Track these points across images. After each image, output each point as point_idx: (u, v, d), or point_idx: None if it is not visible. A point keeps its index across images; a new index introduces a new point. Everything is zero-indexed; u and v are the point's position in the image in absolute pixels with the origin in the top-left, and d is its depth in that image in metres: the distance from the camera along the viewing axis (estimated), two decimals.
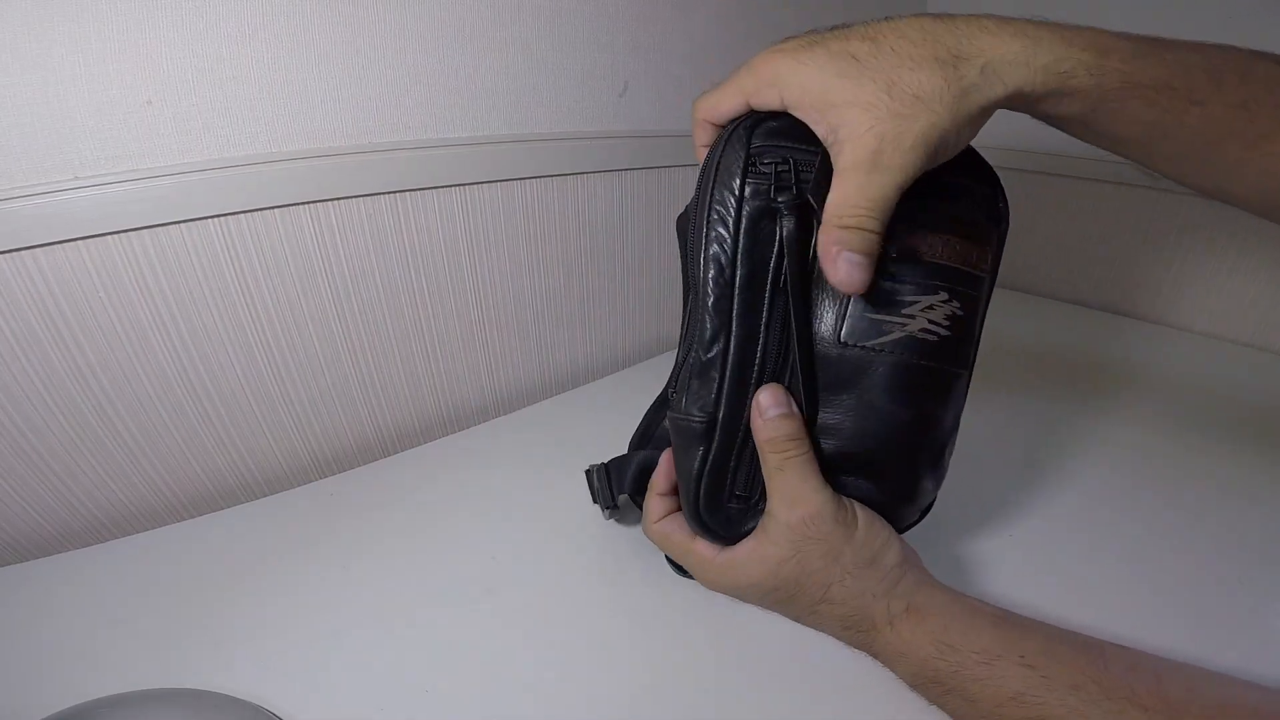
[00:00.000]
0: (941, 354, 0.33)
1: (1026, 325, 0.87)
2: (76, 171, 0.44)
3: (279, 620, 0.41)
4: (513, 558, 0.47)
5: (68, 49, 0.42)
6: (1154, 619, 0.40)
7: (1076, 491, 0.53)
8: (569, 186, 0.69)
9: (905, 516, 0.38)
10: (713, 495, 0.36)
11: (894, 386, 0.33)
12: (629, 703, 0.36)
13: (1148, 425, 0.62)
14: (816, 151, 0.31)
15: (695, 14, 0.71)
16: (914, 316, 0.32)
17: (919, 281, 0.32)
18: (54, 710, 0.33)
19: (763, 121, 0.33)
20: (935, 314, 0.32)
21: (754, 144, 0.32)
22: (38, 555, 0.47)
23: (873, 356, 0.32)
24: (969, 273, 0.33)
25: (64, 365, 0.47)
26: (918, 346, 0.32)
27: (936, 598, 0.34)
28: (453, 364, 0.68)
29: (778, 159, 0.32)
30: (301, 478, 0.59)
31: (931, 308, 0.32)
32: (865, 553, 0.34)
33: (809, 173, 0.31)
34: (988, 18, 0.28)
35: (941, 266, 0.32)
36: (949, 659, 0.31)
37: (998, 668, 0.30)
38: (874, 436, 0.34)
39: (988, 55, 0.27)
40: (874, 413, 0.33)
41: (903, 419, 0.33)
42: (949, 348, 0.33)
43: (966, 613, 0.33)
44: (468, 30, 0.57)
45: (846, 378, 0.33)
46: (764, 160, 0.32)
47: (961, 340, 0.34)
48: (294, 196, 0.52)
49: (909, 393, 0.33)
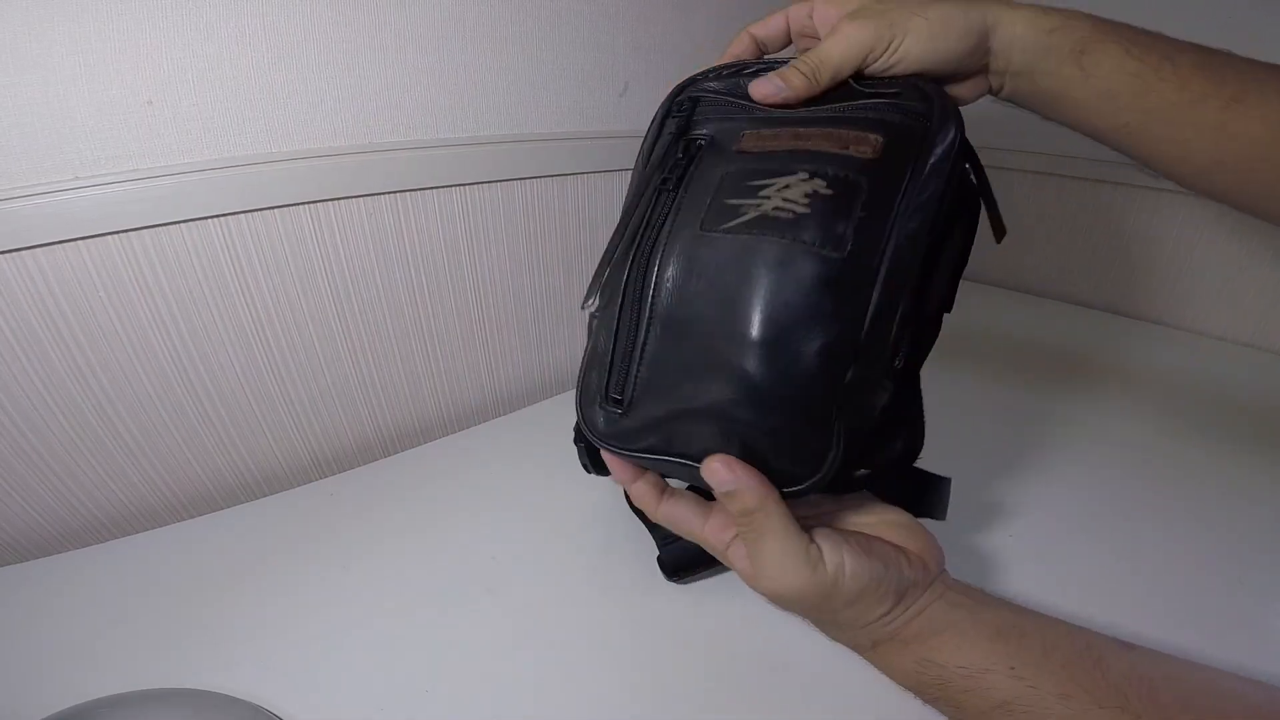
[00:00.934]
0: (796, 229, 0.30)
1: (1027, 325, 0.87)
2: (76, 171, 0.44)
3: (279, 620, 0.41)
4: (513, 558, 0.47)
5: (68, 49, 0.42)
6: (1154, 618, 0.40)
7: (1076, 491, 0.53)
8: (569, 186, 0.69)
9: (817, 454, 0.30)
10: (594, 386, 0.35)
11: (741, 264, 0.30)
12: (628, 702, 0.36)
13: (1148, 425, 0.62)
14: (734, 101, 0.36)
15: (695, 14, 0.71)
16: (769, 197, 0.31)
17: (777, 166, 0.32)
18: (54, 710, 0.33)
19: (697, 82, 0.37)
20: (791, 192, 0.30)
21: (678, 96, 0.37)
22: (38, 555, 0.47)
23: (727, 238, 0.31)
24: (841, 155, 0.31)
25: (64, 365, 0.47)
26: (769, 224, 0.30)
27: (936, 620, 0.33)
28: (453, 364, 0.68)
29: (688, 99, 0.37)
30: (301, 478, 0.59)
31: (788, 186, 0.31)
32: (848, 614, 0.33)
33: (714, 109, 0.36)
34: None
35: (803, 151, 0.32)
36: (932, 673, 0.32)
37: (984, 680, 0.30)
38: (728, 331, 0.30)
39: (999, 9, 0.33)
40: (722, 301, 0.30)
41: (749, 300, 0.30)
42: (806, 224, 0.30)
43: (964, 629, 0.32)
44: (468, 30, 0.57)
45: (703, 262, 0.32)
46: (679, 104, 0.37)
47: (826, 216, 0.30)
48: (294, 196, 0.52)
49: (755, 270, 0.30)
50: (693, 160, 0.34)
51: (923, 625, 0.33)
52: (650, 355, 0.33)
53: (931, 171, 0.30)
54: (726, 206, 0.31)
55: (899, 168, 0.30)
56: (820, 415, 0.29)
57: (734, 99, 0.36)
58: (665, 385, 0.33)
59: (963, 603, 0.34)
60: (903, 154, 0.31)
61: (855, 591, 0.31)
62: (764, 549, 0.31)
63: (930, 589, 0.34)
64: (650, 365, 0.33)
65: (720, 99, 0.36)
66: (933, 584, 0.35)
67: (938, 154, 0.31)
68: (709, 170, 0.34)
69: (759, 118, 0.34)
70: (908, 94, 0.32)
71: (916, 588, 0.33)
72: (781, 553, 0.31)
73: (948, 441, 0.43)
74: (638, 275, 0.33)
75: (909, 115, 0.31)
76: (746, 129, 0.34)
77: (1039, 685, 0.29)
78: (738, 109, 0.35)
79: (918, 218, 0.30)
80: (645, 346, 0.33)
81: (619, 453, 0.35)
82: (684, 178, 0.34)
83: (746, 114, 0.35)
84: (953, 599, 0.34)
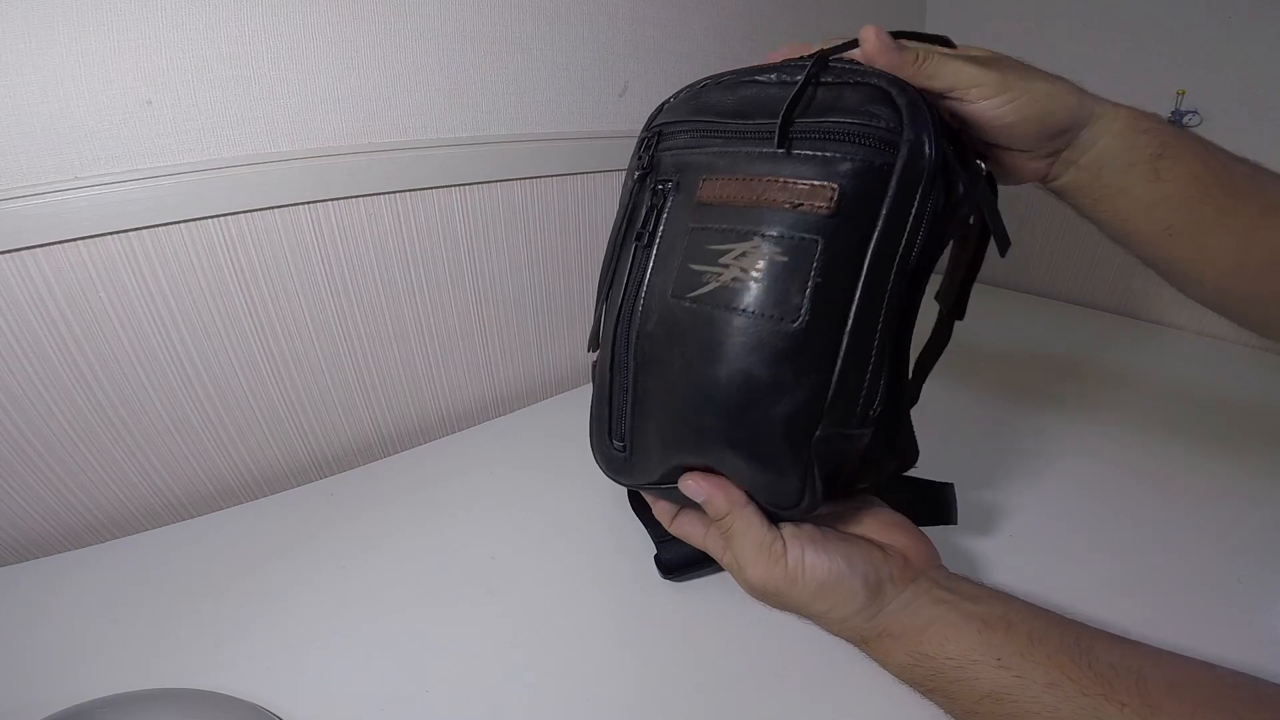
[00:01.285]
0: (752, 301, 0.30)
1: (1028, 326, 0.87)
2: (76, 171, 0.44)
3: (279, 620, 0.41)
4: (513, 558, 0.47)
5: (68, 49, 0.42)
6: (1154, 618, 0.40)
7: (1076, 491, 0.53)
8: (569, 186, 0.69)
9: (785, 492, 0.33)
10: (599, 430, 0.38)
11: (707, 336, 0.31)
12: (628, 702, 0.36)
13: (1149, 425, 0.62)
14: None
15: (695, 14, 0.71)
16: (727, 265, 0.31)
17: (734, 228, 0.31)
18: (54, 710, 0.33)
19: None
20: (746, 261, 0.30)
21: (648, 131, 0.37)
22: (38, 555, 0.47)
23: (694, 309, 0.31)
24: (794, 214, 0.30)
25: (64, 365, 0.47)
26: (729, 295, 0.30)
27: (921, 614, 0.34)
28: (453, 364, 0.68)
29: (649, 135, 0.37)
30: (301, 478, 0.59)
31: (744, 255, 0.30)
32: (818, 606, 0.35)
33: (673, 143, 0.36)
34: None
35: (758, 206, 0.31)
36: (925, 666, 0.33)
37: (971, 670, 0.31)
38: (696, 398, 0.32)
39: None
40: (693, 370, 0.31)
41: (718, 371, 0.30)
42: (762, 296, 0.30)
43: (951, 622, 0.33)
44: (467, 30, 0.57)
45: (677, 331, 0.32)
46: (647, 141, 0.37)
47: (781, 286, 0.30)
48: (294, 196, 0.52)
49: (720, 344, 0.30)
50: (660, 212, 0.35)
51: (909, 619, 0.34)
52: (641, 409, 0.35)
53: (898, 209, 0.29)
54: (692, 273, 0.32)
55: (862, 218, 0.29)
56: (792, 470, 0.31)
57: (696, 119, 0.35)
58: (655, 437, 0.35)
59: (948, 597, 0.35)
60: (864, 199, 0.29)
61: (815, 584, 0.34)
62: (736, 545, 0.35)
63: (915, 584, 0.35)
64: (642, 418, 0.35)
65: (683, 125, 0.36)
66: (918, 579, 0.36)
67: (906, 184, 0.29)
68: (675, 224, 0.34)
69: (715, 152, 0.33)
70: (875, 101, 0.30)
71: (894, 583, 0.35)
72: (752, 547, 0.34)
73: (947, 442, 0.43)
74: (624, 330, 0.35)
75: (875, 140, 0.29)
76: (705, 173, 0.33)
77: (1025, 675, 0.30)
78: (699, 132, 0.35)
79: (885, 264, 0.29)
80: (636, 402, 0.35)
81: (628, 486, 0.38)
82: (655, 231, 0.35)
83: (702, 137, 0.34)
84: (938, 594, 0.35)
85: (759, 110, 0.32)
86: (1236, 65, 0.75)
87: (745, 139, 0.32)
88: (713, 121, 0.34)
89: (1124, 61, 0.84)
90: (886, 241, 0.29)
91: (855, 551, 0.35)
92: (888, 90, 0.29)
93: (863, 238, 0.29)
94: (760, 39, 0.79)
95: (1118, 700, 0.28)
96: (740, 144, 0.32)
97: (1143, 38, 0.82)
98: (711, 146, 0.33)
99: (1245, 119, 0.76)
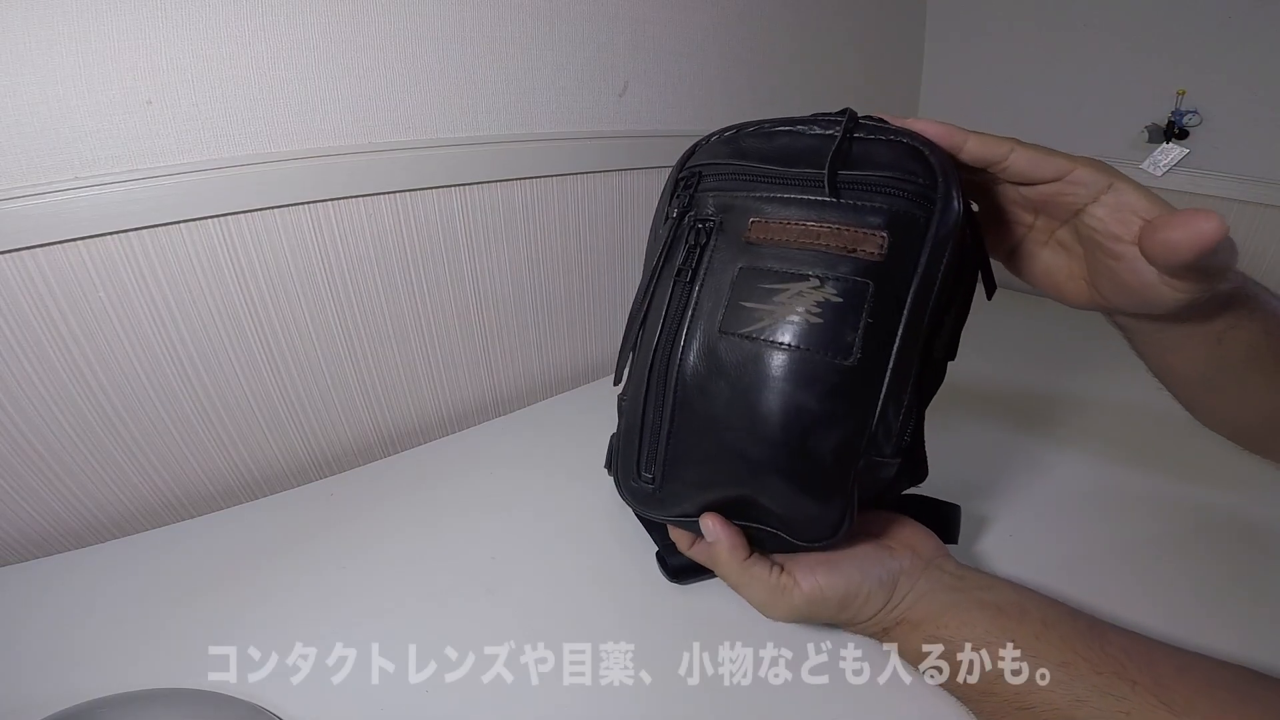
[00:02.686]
0: (808, 338, 0.31)
1: (1026, 325, 0.87)
2: (76, 171, 0.44)
3: (279, 620, 0.41)
4: (513, 558, 0.47)
5: (68, 49, 0.42)
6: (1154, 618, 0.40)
7: (1076, 490, 0.53)
8: (569, 186, 0.69)
9: (816, 522, 0.34)
10: (626, 465, 0.38)
11: (760, 371, 0.32)
12: (628, 702, 0.36)
13: (1150, 425, 0.62)
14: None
15: (695, 14, 0.71)
16: (782, 304, 0.32)
17: (788, 268, 0.32)
18: (54, 710, 0.33)
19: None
20: (803, 301, 0.32)
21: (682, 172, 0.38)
22: (38, 555, 0.47)
23: (745, 344, 0.32)
24: (848, 257, 0.32)
25: (64, 365, 0.47)
26: (783, 332, 0.32)
27: (937, 600, 0.36)
28: (453, 364, 0.68)
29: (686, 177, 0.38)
30: (301, 478, 0.59)
31: (800, 294, 0.32)
32: (846, 615, 0.37)
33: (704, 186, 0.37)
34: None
35: (812, 250, 0.32)
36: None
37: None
38: (746, 428, 0.33)
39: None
40: (742, 402, 0.33)
41: (770, 405, 0.32)
42: (818, 333, 0.31)
43: (966, 608, 0.35)
44: (468, 30, 0.57)
45: (724, 365, 0.33)
46: (684, 180, 0.38)
47: (836, 325, 0.31)
48: (294, 196, 0.52)
49: (773, 378, 0.32)
50: (704, 250, 0.35)
51: (926, 608, 0.36)
52: (676, 442, 0.36)
53: (933, 259, 0.31)
54: (743, 310, 0.33)
55: (904, 264, 0.32)
56: (837, 500, 0.33)
57: (736, 163, 0.36)
58: (691, 470, 0.36)
59: (960, 585, 0.36)
60: (907, 247, 0.31)
61: (837, 599, 0.36)
62: (747, 595, 0.38)
63: (926, 573, 0.37)
64: (676, 451, 0.36)
65: (723, 168, 0.37)
66: (928, 568, 0.37)
67: (942, 236, 0.31)
68: (722, 263, 0.35)
69: (761, 196, 0.35)
70: (909, 158, 0.32)
71: (908, 575, 0.37)
72: (763, 592, 0.37)
73: (947, 443, 0.43)
74: (661, 364, 0.36)
75: (913, 195, 0.32)
76: (753, 215, 0.34)
77: (1039, 654, 0.31)
78: (741, 176, 0.36)
79: (922, 307, 0.32)
80: (671, 435, 0.36)
81: (655, 519, 0.40)
82: (698, 268, 0.35)
83: (745, 181, 0.35)
84: (950, 582, 0.37)
85: (798, 159, 0.34)
86: (1236, 65, 0.75)
87: (790, 185, 0.34)
88: (756, 166, 0.35)
89: (1124, 61, 0.84)
90: (923, 286, 0.31)
91: (865, 558, 0.37)
92: (920, 149, 0.32)
93: (904, 282, 0.32)
94: (760, 39, 0.79)
95: (1129, 679, 0.29)
96: (787, 189, 0.34)
97: (1143, 38, 0.82)
98: (757, 190, 0.35)
99: (1245, 119, 0.76)
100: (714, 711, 0.36)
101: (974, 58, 1.00)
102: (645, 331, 0.37)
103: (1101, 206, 0.31)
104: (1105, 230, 0.31)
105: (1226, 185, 0.81)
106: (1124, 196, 0.31)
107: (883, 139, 0.33)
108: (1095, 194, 0.31)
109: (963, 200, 0.32)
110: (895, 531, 0.40)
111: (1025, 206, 0.36)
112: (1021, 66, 0.96)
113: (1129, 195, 0.31)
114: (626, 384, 0.40)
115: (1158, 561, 0.46)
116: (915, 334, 0.32)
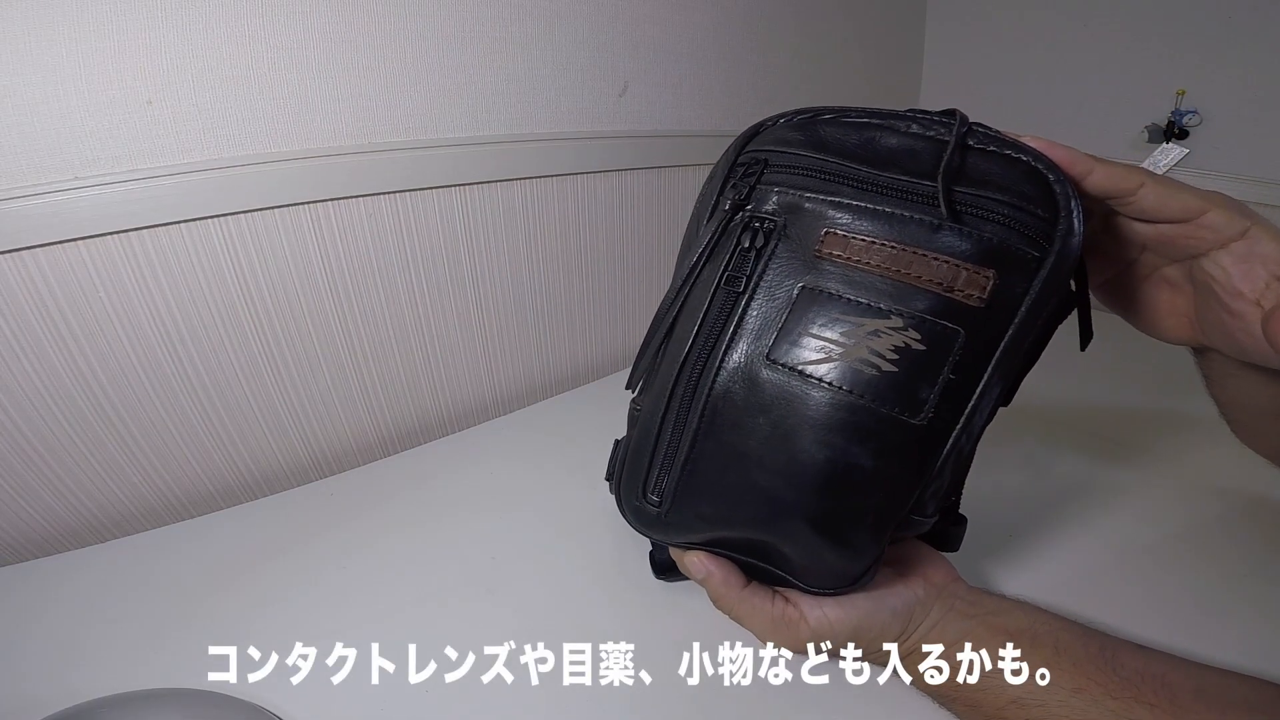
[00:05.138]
0: (876, 389, 0.27)
1: None
2: (76, 171, 0.44)
3: (279, 620, 0.41)
4: (513, 558, 0.47)
5: (68, 49, 0.42)
6: (1154, 617, 0.40)
7: (1076, 488, 0.53)
8: (569, 186, 0.69)
9: (832, 570, 0.31)
10: (631, 481, 0.34)
11: (811, 416, 0.28)
12: (628, 702, 0.36)
13: (1150, 424, 0.62)
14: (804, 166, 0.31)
15: (695, 14, 0.71)
16: (854, 341, 0.27)
17: (868, 300, 0.27)
18: (53, 710, 0.33)
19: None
20: (879, 342, 0.27)
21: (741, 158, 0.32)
22: (38, 555, 0.47)
23: (795, 380, 0.28)
24: (944, 298, 0.27)
25: (64, 365, 0.47)
26: (848, 378, 0.27)
27: (950, 630, 0.34)
28: (453, 364, 0.68)
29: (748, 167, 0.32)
30: (301, 478, 0.59)
31: (877, 334, 0.27)
32: (859, 643, 0.35)
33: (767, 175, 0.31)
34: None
35: (902, 283, 0.27)
36: (951, 676, 0.33)
37: (996, 678, 0.31)
38: (783, 473, 0.29)
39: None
40: (783, 444, 0.28)
41: (815, 457, 0.28)
42: (889, 385, 0.27)
43: (979, 636, 0.34)
44: (468, 30, 0.57)
45: (766, 399, 0.29)
46: (744, 166, 0.32)
47: (912, 378, 0.27)
48: (294, 196, 0.52)
49: (826, 428, 0.27)
50: (762, 256, 0.30)
51: (939, 636, 0.34)
52: (694, 471, 0.31)
53: (1035, 309, 0.27)
54: (801, 340, 0.28)
55: (1003, 313, 0.27)
56: (867, 554, 0.30)
57: (813, 155, 0.30)
58: (706, 503, 0.32)
59: (973, 612, 0.35)
60: (1010, 293, 0.27)
61: (849, 631, 0.34)
62: (749, 627, 0.35)
63: (940, 601, 0.36)
64: (693, 481, 0.31)
65: (796, 156, 0.30)
66: (942, 595, 0.36)
67: (1051, 285, 0.26)
68: (779, 276, 0.29)
69: (840, 202, 0.29)
70: (1028, 180, 0.27)
71: (922, 605, 0.35)
72: (767, 623, 0.35)
73: None
74: (689, 382, 0.31)
75: (1030, 229, 0.27)
76: (828, 225, 0.29)
77: (1052, 680, 0.30)
78: (818, 173, 0.30)
79: (1010, 364, 0.27)
80: (690, 463, 0.31)
81: (657, 541, 0.37)
82: (752, 276, 0.30)
83: (822, 179, 0.30)
84: (963, 608, 0.35)
85: (890, 161, 0.28)
86: (1236, 65, 0.75)
87: (885, 194, 0.28)
88: (839, 164, 0.29)
89: (1124, 61, 0.84)
90: (1016, 339, 0.27)
91: (877, 588, 0.34)
92: (1044, 174, 0.26)
93: (998, 334, 0.27)
94: (760, 39, 0.79)
95: (1146, 702, 0.28)
96: (879, 199, 0.28)
97: (1143, 38, 0.82)
98: (838, 194, 0.29)
99: (1245, 119, 0.76)
100: (714, 712, 0.36)
101: (974, 58, 1.00)
102: (673, 340, 0.32)
103: (1229, 254, 0.28)
104: (1228, 285, 0.28)
105: (1226, 185, 0.80)
106: (1258, 246, 0.27)
107: (998, 152, 0.27)
108: (1225, 240, 0.27)
109: (1080, 251, 0.26)
110: (906, 556, 0.37)
111: (1135, 240, 0.31)
112: (1022, 67, 0.96)
113: (1265, 246, 0.27)
114: (644, 393, 0.36)
115: (1158, 562, 0.46)
116: (992, 391, 0.28)
